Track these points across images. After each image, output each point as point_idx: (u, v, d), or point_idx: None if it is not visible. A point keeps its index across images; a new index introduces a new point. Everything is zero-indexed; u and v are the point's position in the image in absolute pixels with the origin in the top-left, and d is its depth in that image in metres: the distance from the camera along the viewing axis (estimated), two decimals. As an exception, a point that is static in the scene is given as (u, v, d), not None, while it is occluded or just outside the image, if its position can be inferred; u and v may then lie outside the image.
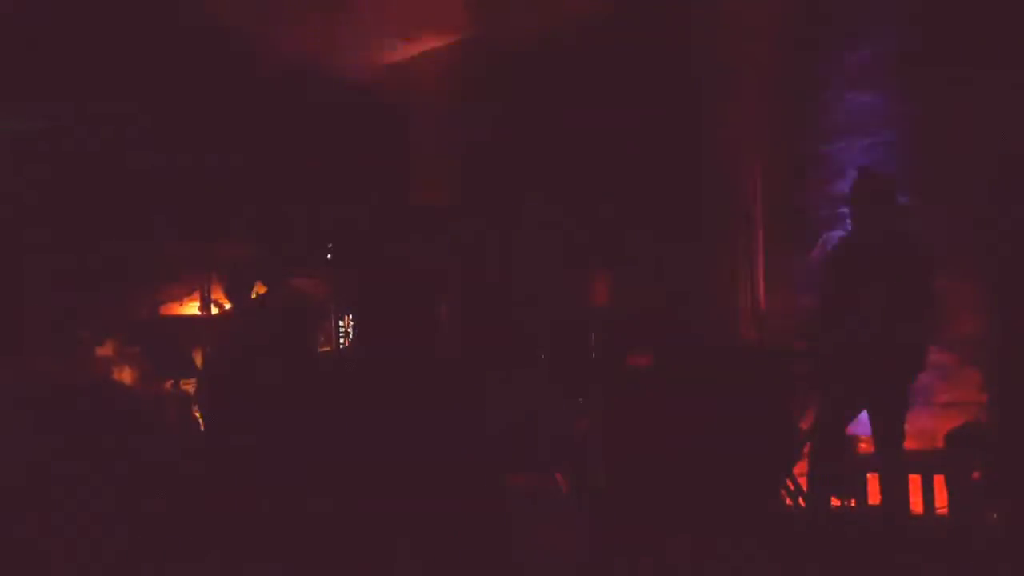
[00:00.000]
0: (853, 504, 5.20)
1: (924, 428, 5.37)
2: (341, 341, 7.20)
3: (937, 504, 5.06)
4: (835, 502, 5.13)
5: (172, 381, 6.99)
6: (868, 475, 5.10)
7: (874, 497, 4.92)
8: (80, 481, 1.48)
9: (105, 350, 7.16)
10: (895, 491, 4.67)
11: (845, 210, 5.07)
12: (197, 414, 6.71)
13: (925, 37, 5.84)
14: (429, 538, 3.00)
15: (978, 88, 5.53)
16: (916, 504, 4.99)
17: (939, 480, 5.05)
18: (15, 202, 6.90)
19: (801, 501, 5.02)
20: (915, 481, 5.00)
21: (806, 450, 4.95)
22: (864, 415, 4.80)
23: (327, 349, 7.11)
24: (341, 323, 6.95)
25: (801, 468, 5.04)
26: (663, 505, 4.80)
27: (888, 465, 4.68)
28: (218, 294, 7.25)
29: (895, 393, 4.63)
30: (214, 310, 7.24)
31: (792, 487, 5.07)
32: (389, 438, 2.90)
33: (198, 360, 6.86)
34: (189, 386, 7.12)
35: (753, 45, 6.61)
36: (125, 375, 7.06)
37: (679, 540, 4.41)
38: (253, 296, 5.76)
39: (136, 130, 7.42)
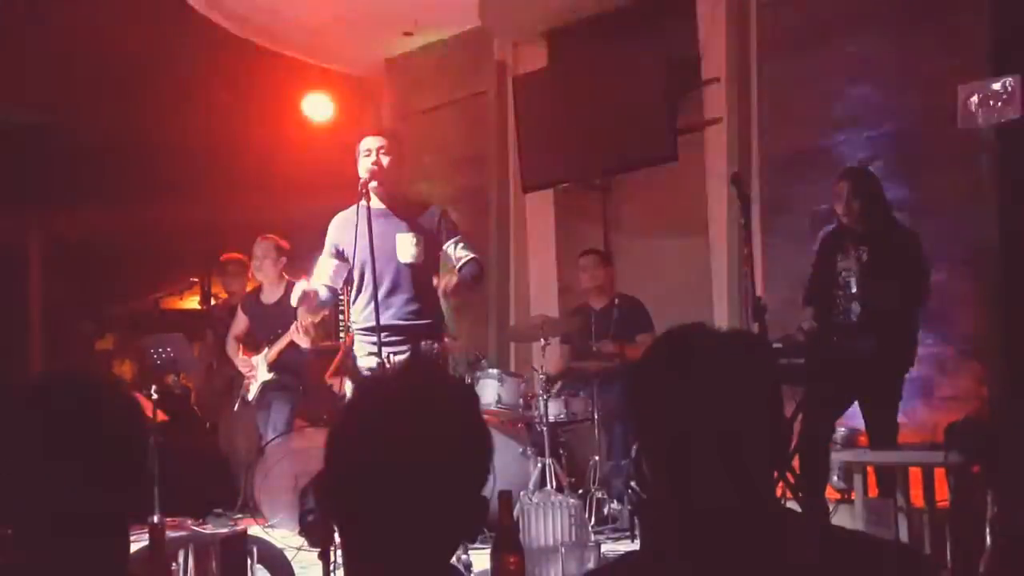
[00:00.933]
0: (852, 498, 5.18)
1: (924, 421, 5.34)
2: (342, 335, 7.19)
3: (938, 498, 5.04)
4: (834, 496, 5.10)
5: (172, 375, 6.98)
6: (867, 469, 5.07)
7: (872, 491, 4.90)
8: (69, 478, 1.46)
9: (105, 344, 7.16)
10: (892, 484, 4.65)
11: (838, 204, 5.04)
12: (195, 407, 6.71)
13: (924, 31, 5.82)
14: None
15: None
16: (917, 498, 4.97)
17: (940, 473, 5.03)
18: (14, 196, 6.92)
19: (800, 495, 5.00)
20: (915, 474, 4.97)
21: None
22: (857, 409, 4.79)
23: (328, 343, 7.07)
24: (341, 317, 6.92)
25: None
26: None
27: (884, 458, 4.66)
28: (217, 288, 7.26)
29: (887, 386, 4.62)
30: (213, 303, 7.23)
31: (792, 481, 5.05)
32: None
33: (196, 352, 6.84)
34: (189, 381, 7.11)
35: (752, 39, 6.60)
36: (126, 369, 7.06)
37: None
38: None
39: (138, 124, 7.43)
